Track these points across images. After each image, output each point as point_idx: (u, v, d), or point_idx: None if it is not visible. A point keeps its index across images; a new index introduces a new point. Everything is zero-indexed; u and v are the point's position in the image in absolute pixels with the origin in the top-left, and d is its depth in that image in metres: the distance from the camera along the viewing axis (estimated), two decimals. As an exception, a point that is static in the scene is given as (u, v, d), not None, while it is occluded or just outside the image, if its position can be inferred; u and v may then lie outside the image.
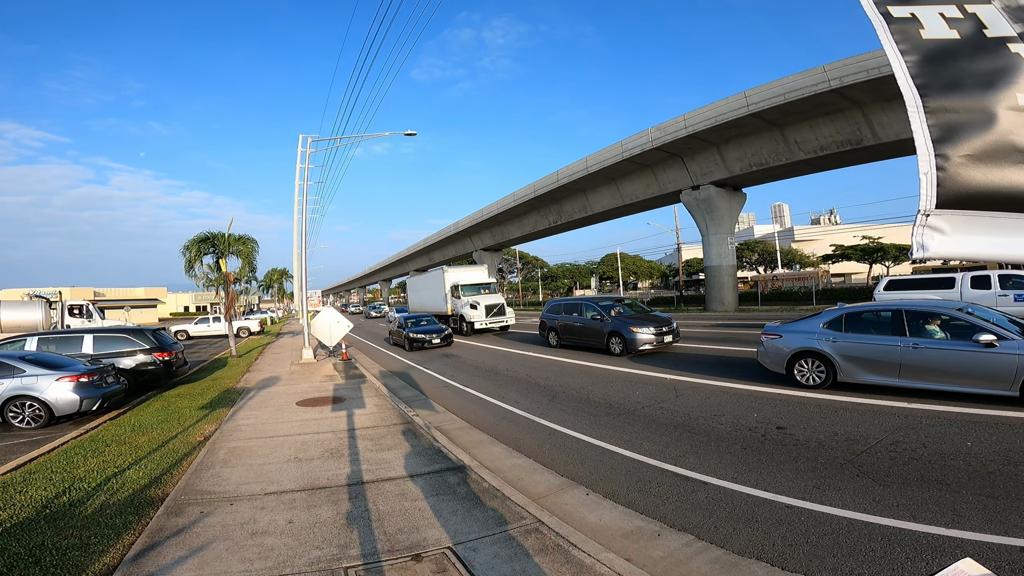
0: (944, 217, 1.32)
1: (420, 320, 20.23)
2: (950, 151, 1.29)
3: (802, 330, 8.44)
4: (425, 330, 18.82)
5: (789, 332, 8.64)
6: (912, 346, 7.07)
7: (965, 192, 1.29)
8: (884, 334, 7.50)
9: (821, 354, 8.01)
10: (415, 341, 18.36)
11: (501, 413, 8.48)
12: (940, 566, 3.40)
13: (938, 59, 1.31)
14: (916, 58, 1.33)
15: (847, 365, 7.73)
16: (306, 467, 5.78)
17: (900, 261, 47.02)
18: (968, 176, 1.28)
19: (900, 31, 1.35)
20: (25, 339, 11.63)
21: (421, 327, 19.24)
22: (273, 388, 11.46)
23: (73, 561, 3.72)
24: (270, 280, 56.98)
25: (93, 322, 26.16)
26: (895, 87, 1.34)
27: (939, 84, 1.31)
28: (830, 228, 71.85)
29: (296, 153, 18.47)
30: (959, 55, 1.30)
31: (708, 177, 28.77)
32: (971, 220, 1.31)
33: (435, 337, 18.41)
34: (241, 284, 23.04)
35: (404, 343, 19.03)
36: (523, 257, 76.45)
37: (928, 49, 1.32)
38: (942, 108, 1.30)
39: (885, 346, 7.35)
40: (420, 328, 19.10)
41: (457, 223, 55.70)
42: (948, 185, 1.30)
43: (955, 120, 1.29)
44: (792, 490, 4.62)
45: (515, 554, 3.67)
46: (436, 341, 18.30)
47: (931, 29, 1.33)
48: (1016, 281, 13.03)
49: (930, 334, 7.10)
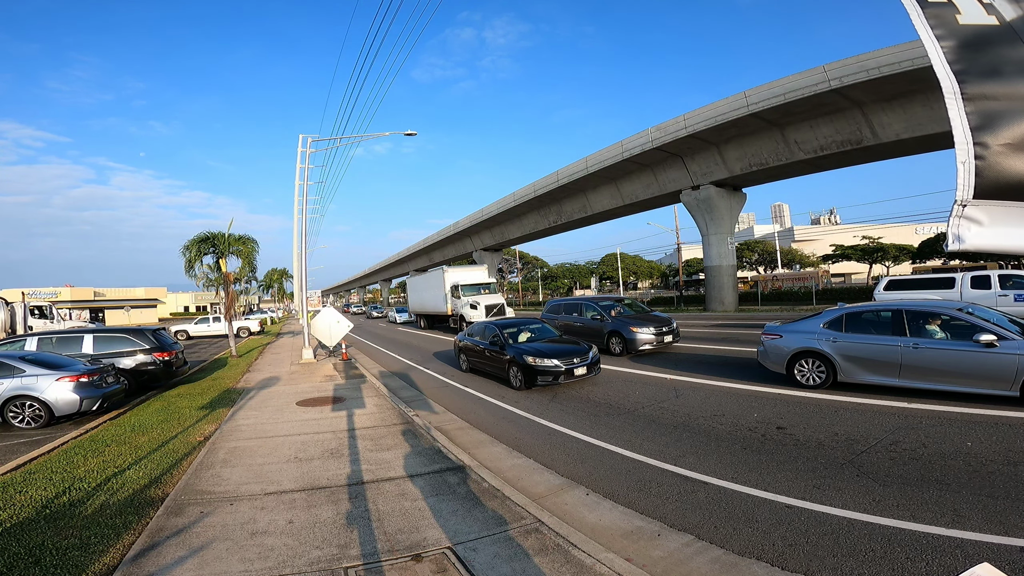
0: (982, 208, 1.28)
1: (525, 330, 11.31)
2: (990, 139, 1.25)
3: (802, 330, 8.43)
4: (556, 352, 9.89)
5: (789, 332, 8.63)
6: (912, 346, 7.06)
7: (1005, 182, 1.25)
8: (884, 334, 7.49)
9: (821, 354, 8.00)
10: (540, 373, 9.49)
11: (501, 413, 8.48)
12: (941, 566, 3.41)
13: (976, 45, 1.28)
14: (953, 44, 1.30)
15: (847, 365, 7.72)
16: (306, 467, 5.77)
17: (900, 261, 47.04)
18: (1009, 165, 1.24)
19: (935, 16, 1.31)
20: (25, 339, 11.63)
21: (544, 346, 10.30)
22: (273, 388, 11.46)
23: (73, 561, 3.72)
24: (270, 280, 56.97)
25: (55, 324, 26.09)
26: (896, 87, 1.32)
27: (978, 71, 1.27)
28: (830, 228, 71.87)
29: (296, 153, 18.49)
30: (998, 41, 1.26)
31: (708, 177, 28.77)
32: (1010, 211, 1.26)
33: (578, 365, 9.65)
34: (241, 284, 23.01)
35: (507, 374, 10.25)
36: (523, 257, 76.45)
37: (965, 35, 1.29)
38: (981, 95, 1.26)
39: (885, 346, 7.34)
40: (542, 348, 10.13)
41: (457, 223, 55.72)
42: (987, 175, 1.26)
43: (995, 108, 1.25)
44: (792, 490, 4.62)
45: (515, 554, 3.67)
46: (581, 371, 9.66)
47: (968, 14, 1.30)
48: (1016, 281, 13.03)
49: (930, 334, 7.09)
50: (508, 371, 10.23)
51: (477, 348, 11.94)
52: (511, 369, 10.10)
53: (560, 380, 9.50)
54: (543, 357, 9.65)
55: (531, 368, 9.54)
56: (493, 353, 10.99)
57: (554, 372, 9.45)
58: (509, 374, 10.19)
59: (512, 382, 10.12)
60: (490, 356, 11.17)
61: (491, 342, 11.18)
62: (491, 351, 11.10)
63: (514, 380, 10.06)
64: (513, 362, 10.02)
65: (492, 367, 11.18)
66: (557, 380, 9.50)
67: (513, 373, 10.07)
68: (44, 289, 68.99)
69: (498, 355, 10.73)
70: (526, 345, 10.43)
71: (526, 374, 9.64)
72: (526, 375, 9.66)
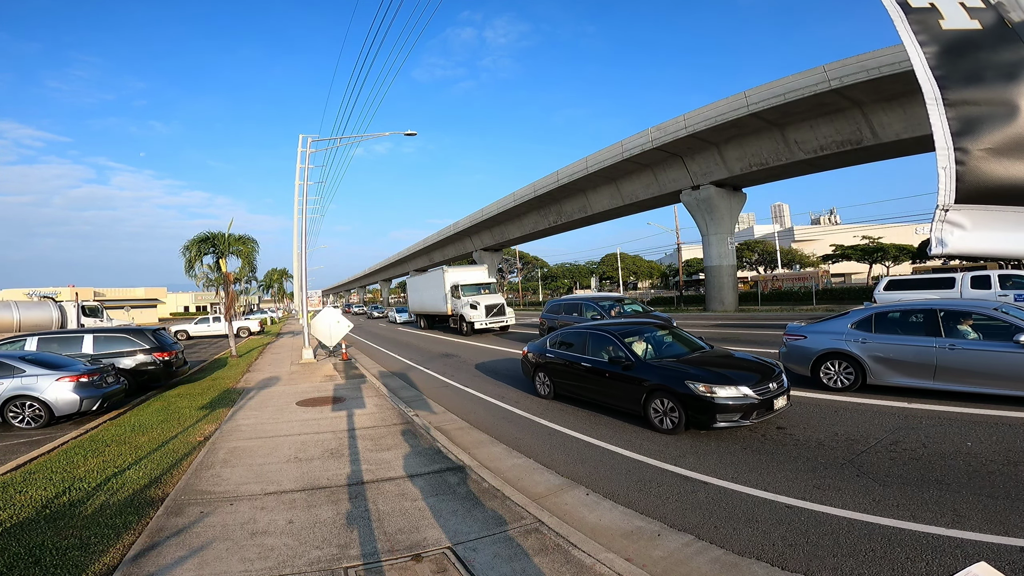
0: (964, 212, 1.29)
1: (645, 338, 7.82)
2: (970, 144, 1.26)
3: (829, 331, 8.08)
4: (739, 375, 6.38)
5: (814, 333, 8.27)
6: (948, 347, 6.79)
7: (986, 186, 1.26)
8: (918, 335, 7.20)
9: (850, 355, 7.70)
10: (721, 410, 6.03)
11: (501, 413, 8.48)
12: (941, 566, 3.41)
13: (958, 50, 1.28)
14: (935, 49, 1.29)
15: (877, 367, 7.44)
16: (306, 467, 5.78)
17: (900, 261, 47.06)
18: (989, 170, 1.25)
19: (919, 21, 1.31)
20: (25, 339, 11.63)
21: (716, 367, 6.67)
22: (273, 388, 11.46)
23: (73, 561, 3.72)
24: (270, 280, 57.00)
25: (104, 322, 27.51)
26: (895, 87, 1.33)
27: (959, 76, 1.27)
28: (830, 228, 71.88)
29: (296, 153, 18.49)
30: (980, 46, 1.26)
31: (708, 177, 28.78)
32: (992, 215, 1.27)
33: (777, 393, 6.32)
34: (241, 284, 23.02)
35: (644, 408, 6.85)
36: (523, 257, 76.46)
37: (948, 40, 1.29)
38: (962, 100, 1.27)
39: (919, 347, 7.05)
40: (715, 368, 6.63)
41: (457, 223, 55.74)
42: (968, 179, 1.27)
43: (976, 113, 1.25)
44: (792, 490, 4.62)
45: (515, 554, 3.67)
46: (782, 403, 6.38)
47: (951, 19, 1.29)
48: (1016, 281, 13.04)
49: (967, 335, 6.84)
50: (647, 404, 6.75)
51: (575, 366, 8.24)
52: (654, 401, 6.66)
53: (753, 418, 6.08)
54: (723, 383, 6.13)
55: (702, 401, 6.07)
56: (612, 375, 7.35)
57: (744, 407, 5.98)
58: (648, 408, 6.74)
59: (653, 419, 6.66)
60: (605, 380, 7.53)
61: (609, 359, 7.42)
62: (607, 371, 7.47)
63: (660, 417, 6.60)
64: (661, 391, 6.58)
65: (607, 395, 7.59)
66: (749, 418, 6.04)
67: (659, 407, 6.59)
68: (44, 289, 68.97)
69: (622, 378, 7.16)
70: (680, 364, 6.78)
71: (693, 409, 6.18)
72: (692, 411, 6.19)
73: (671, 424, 6.47)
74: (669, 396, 6.47)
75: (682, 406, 6.31)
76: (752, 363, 6.91)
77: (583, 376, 8.08)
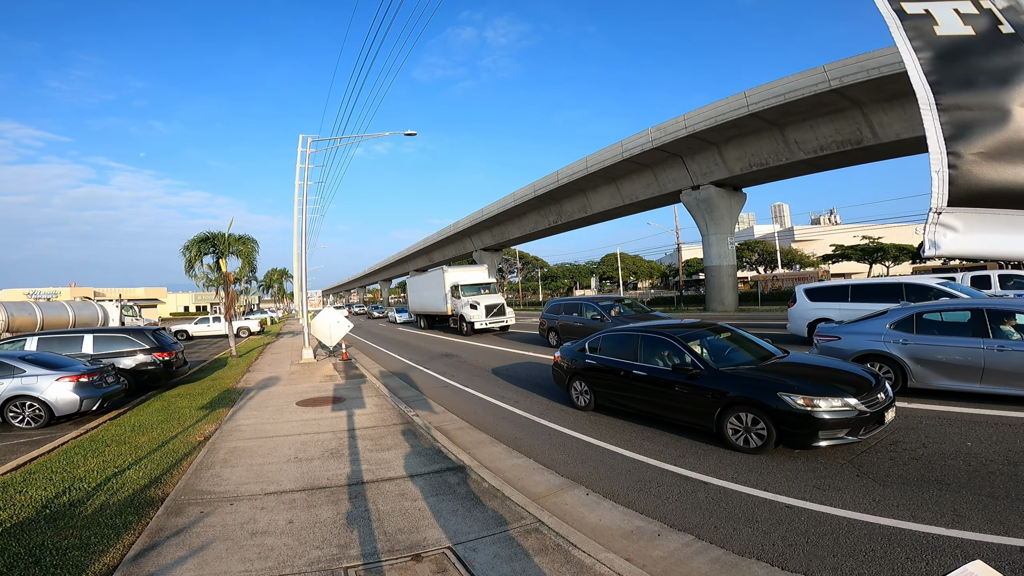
0: (956, 215, 1.32)
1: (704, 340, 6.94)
2: (962, 148, 1.28)
3: (866, 331, 7.70)
4: (841, 384, 5.54)
5: (850, 333, 7.87)
6: (997, 348, 6.46)
7: (978, 190, 1.28)
8: (963, 335, 6.85)
9: (889, 357, 7.34)
10: (824, 426, 5.14)
11: (501, 413, 8.48)
12: (941, 566, 3.40)
13: (952, 56, 1.30)
14: (930, 55, 1.31)
15: (920, 369, 7.10)
16: (306, 467, 5.78)
17: (900, 261, 47.08)
18: (981, 174, 1.27)
19: (914, 28, 1.33)
20: (25, 339, 11.63)
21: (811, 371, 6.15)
22: (273, 388, 11.46)
23: (73, 561, 3.72)
24: (270, 280, 57.00)
25: (139, 320, 30.64)
26: (895, 87, 1.33)
27: (952, 81, 1.29)
28: (830, 228, 71.88)
29: (296, 153, 18.49)
30: (973, 51, 1.28)
31: (708, 177, 28.77)
32: (984, 218, 1.30)
33: (887, 404, 5.51)
34: (241, 284, 23.01)
35: (718, 424, 5.88)
36: (523, 257, 76.47)
37: (942, 46, 1.31)
38: (955, 105, 1.29)
39: (966, 348, 6.72)
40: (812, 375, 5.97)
41: (457, 223, 55.72)
42: (960, 183, 1.29)
43: (968, 117, 1.28)
44: (792, 490, 4.62)
45: (515, 554, 3.67)
46: (892, 415, 5.63)
47: (945, 25, 1.31)
48: (1017, 281, 13.04)
49: (1016, 335, 6.56)
50: (722, 418, 5.80)
51: (623, 375, 7.16)
52: (732, 416, 5.72)
53: (861, 434, 5.25)
54: (826, 394, 5.27)
55: (801, 416, 5.17)
56: (674, 385, 6.36)
57: (852, 421, 5.13)
58: (723, 424, 5.78)
59: (731, 437, 5.73)
60: (664, 391, 6.52)
61: (674, 367, 6.48)
62: (668, 381, 6.47)
63: (741, 435, 5.66)
64: (743, 404, 5.64)
65: (667, 408, 6.59)
66: (857, 433, 5.20)
67: (739, 423, 5.67)
68: (44, 289, 69.02)
69: (689, 389, 6.16)
70: (764, 373, 5.90)
71: (788, 425, 5.25)
72: (787, 427, 5.26)
73: (756, 442, 5.54)
74: (755, 410, 5.52)
75: (772, 421, 5.35)
76: (850, 372, 5.96)
77: (634, 386, 7.00)
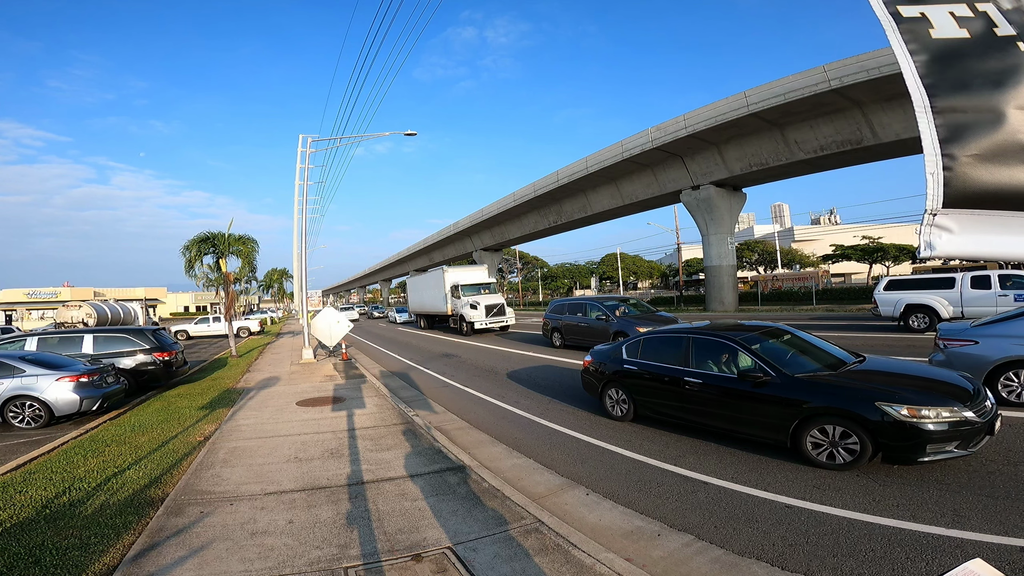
0: (951, 216, 1.33)
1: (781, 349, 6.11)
2: (957, 151, 1.29)
3: (1012, 334, 6.66)
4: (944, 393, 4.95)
5: (990, 337, 6.80)
6: None
7: (972, 192, 1.29)
8: None
9: None
10: (931, 439, 4.57)
11: (501, 413, 8.48)
12: (941, 566, 3.40)
13: (947, 59, 1.31)
14: (925, 58, 1.33)
15: None
16: (306, 467, 5.78)
17: (900, 261, 47.04)
18: (975, 175, 1.28)
19: (909, 31, 1.34)
20: (25, 339, 11.64)
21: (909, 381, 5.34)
22: (273, 388, 11.46)
23: (73, 561, 3.72)
24: (270, 280, 56.99)
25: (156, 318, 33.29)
26: (895, 87, 1.34)
27: (947, 84, 1.31)
28: (830, 228, 71.89)
29: (296, 153, 18.49)
30: (968, 54, 1.29)
31: (708, 177, 28.79)
32: (979, 219, 1.31)
33: (993, 414, 4.91)
34: (241, 284, 23.02)
35: (797, 439, 5.22)
36: (523, 257, 76.46)
37: (937, 49, 1.32)
38: (950, 108, 1.30)
39: None
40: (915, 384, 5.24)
41: (457, 223, 55.74)
42: (955, 185, 1.30)
43: (963, 120, 1.29)
44: (792, 490, 4.62)
45: (515, 554, 3.67)
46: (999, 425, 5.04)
47: (941, 28, 1.32)
48: (1016, 281, 13.03)
49: None
50: (799, 431, 5.18)
51: (672, 382, 6.46)
52: (814, 428, 5.11)
53: (971, 447, 4.71)
54: (933, 403, 4.72)
55: (906, 428, 4.61)
56: (738, 394, 5.72)
57: (963, 432, 4.60)
58: (802, 438, 5.17)
59: (811, 452, 5.12)
60: (725, 400, 5.87)
61: (739, 374, 5.73)
62: (730, 389, 5.80)
63: (826, 450, 5.06)
64: (829, 415, 5.03)
65: (728, 420, 5.91)
66: (967, 446, 4.67)
67: (823, 436, 5.06)
68: (44, 289, 69.02)
69: (757, 399, 5.53)
70: (854, 380, 5.31)
71: (889, 438, 4.69)
72: (889, 440, 4.70)
73: (845, 458, 4.92)
74: (845, 422, 4.91)
75: (869, 435, 4.76)
76: (946, 379, 5.31)
77: (685, 395, 6.26)
